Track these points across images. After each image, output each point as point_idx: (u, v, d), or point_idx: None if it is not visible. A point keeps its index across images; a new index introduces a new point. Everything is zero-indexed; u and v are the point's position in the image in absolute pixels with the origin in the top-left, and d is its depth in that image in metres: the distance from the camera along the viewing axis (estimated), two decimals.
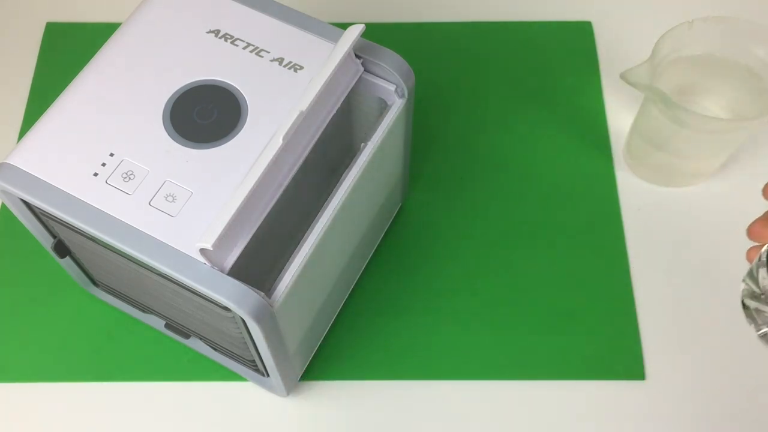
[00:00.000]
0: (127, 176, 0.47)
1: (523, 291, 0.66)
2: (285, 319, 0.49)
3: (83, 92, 0.51)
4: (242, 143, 0.49)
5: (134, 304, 0.62)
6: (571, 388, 0.62)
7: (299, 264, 0.48)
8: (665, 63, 0.65)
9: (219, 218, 0.44)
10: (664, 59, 0.64)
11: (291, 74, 0.51)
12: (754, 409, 0.61)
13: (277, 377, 0.56)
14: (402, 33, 0.78)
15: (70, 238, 0.54)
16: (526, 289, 0.66)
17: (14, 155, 0.49)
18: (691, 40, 0.64)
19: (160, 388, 0.62)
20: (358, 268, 0.65)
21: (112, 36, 0.53)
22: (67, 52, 0.77)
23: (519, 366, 0.63)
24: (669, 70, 0.66)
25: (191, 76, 0.51)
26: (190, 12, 0.53)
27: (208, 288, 0.44)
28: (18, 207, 0.51)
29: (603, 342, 0.63)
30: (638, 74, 0.61)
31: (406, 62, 0.53)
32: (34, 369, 0.62)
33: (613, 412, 0.61)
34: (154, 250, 0.45)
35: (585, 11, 0.80)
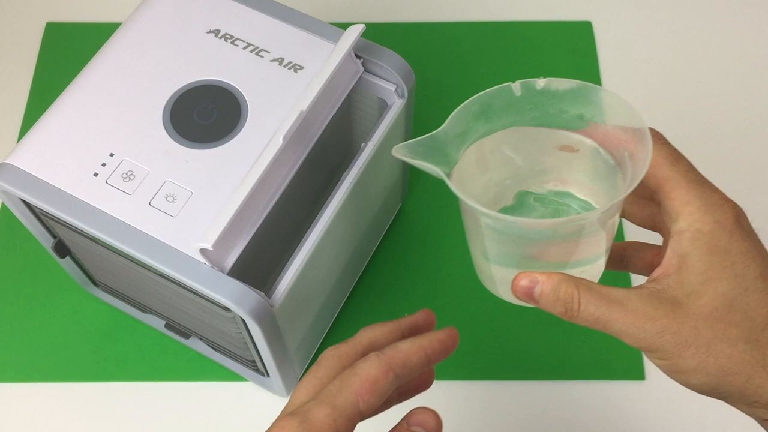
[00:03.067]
0: (127, 176, 0.47)
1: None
2: (285, 319, 0.49)
3: (83, 92, 0.51)
4: (242, 143, 0.49)
5: (134, 304, 0.62)
6: (571, 388, 0.62)
7: (299, 264, 0.48)
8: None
9: (219, 218, 0.44)
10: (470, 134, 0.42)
11: (291, 74, 0.51)
12: None
13: (277, 377, 0.56)
14: (402, 33, 0.78)
15: (70, 238, 0.54)
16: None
17: (14, 155, 0.49)
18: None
19: (160, 388, 0.62)
20: (358, 268, 0.65)
21: (112, 36, 0.53)
22: (67, 52, 0.77)
23: (519, 366, 0.63)
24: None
25: (191, 76, 0.51)
26: (190, 12, 0.53)
27: (208, 288, 0.44)
28: (18, 207, 0.51)
29: (603, 342, 0.63)
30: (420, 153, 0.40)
31: (406, 62, 0.53)
32: (34, 369, 0.62)
33: (613, 412, 0.61)
34: (154, 250, 0.45)
35: (585, 11, 0.80)
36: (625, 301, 0.36)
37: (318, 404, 0.34)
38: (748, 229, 0.36)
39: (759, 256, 0.36)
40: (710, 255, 0.35)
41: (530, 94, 0.40)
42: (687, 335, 0.35)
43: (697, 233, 0.36)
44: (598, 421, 0.61)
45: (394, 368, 0.36)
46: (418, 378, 0.42)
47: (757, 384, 0.34)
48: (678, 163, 0.37)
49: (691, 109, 0.74)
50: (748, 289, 0.35)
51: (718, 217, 0.36)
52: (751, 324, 0.35)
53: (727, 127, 0.73)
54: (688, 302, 0.35)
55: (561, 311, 0.37)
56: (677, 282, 0.36)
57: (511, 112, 0.40)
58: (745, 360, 0.34)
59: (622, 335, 0.36)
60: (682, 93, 0.75)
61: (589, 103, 0.39)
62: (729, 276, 0.35)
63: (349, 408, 0.34)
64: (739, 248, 0.35)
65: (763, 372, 0.34)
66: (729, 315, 0.35)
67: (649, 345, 0.35)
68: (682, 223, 0.36)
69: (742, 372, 0.34)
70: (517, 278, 0.38)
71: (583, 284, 0.37)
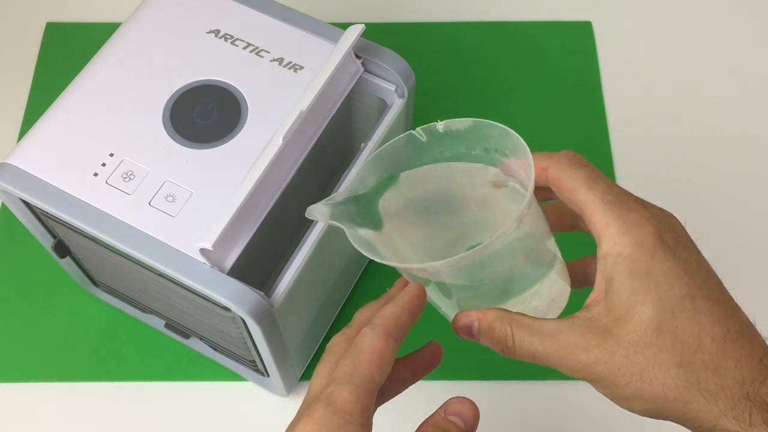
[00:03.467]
0: (127, 176, 0.47)
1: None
2: (285, 319, 0.49)
3: (83, 92, 0.51)
4: (242, 143, 0.49)
5: (134, 304, 0.62)
6: (571, 388, 0.62)
7: (299, 264, 0.48)
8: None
9: (219, 218, 0.44)
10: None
11: (291, 74, 0.51)
12: None
13: (277, 377, 0.56)
14: (402, 33, 0.78)
15: (70, 238, 0.54)
16: None
17: (14, 155, 0.49)
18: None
19: (160, 388, 0.62)
20: (357, 268, 0.65)
21: (112, 36, 0.53)
22: (67, 52, 0.77)
23: (519, 366, 0.63)
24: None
25: (191, 76, 0.51)
26: (190, 12, 0.53)
27: (208, 288, 0.44)
28: (18, 207, 0.51)
29: None
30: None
31: (406, 62, 0.53)
32: (34, 369, 0.62)
33: (613, 412, 0.61)
34: (154, 250, 0.45)
35: (585, 11, 0.80)
36: (557, 333, 0.36)
37: (338, 386, 0.35)
38: (674, 246, 0.35)
39: (685, 275, 0.35)
40: (632, 279, 0.35)
41: (435, 138, 0.41)
42: (619, 364, 0.34)
43: (618, 257, 0.35)
44: (598, 421, 0.61)
45: (391, 333, 0.36)
46: (429, 356, 0.42)
47: (696, 409, 0.33)
48: (595, 186, 0.36)
49: (690, 109, 0.74)
50: (674, 311, 0.34)
51: (637, 238, 0.35)
52: (682, 347, 0.34)
53: (728, 127, 0.73)
54: (617, 329, 0.35)
55: (499, 349, 0.37)
56: (606, 309, 0.35)
57: (424, 157, 0.41)
58: (679, 385, 0.34)
59: (560, 368, 0.36)
60: (681, 93, 0.75)
61: (488, 137, 0.39)
62: (653, 299, 0.34)
63: (367, 382, 0.35)
64: (662, 269, 0.34)
65: (700, 396, 0.33)
66: (658, 340, 0.34)
67: (586, 376, 0.35)
68: (604, 247, 0.36)
69: (678, 398, 0.34)
70: (455, 318, 0.39)
71: (516, 320, 0.36)
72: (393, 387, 0.40)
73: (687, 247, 0.36)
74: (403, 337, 0.37)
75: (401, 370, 0.41)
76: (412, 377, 0.41)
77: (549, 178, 0.38)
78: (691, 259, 0.36)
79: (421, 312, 0.39)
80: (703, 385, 0.33)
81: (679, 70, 0.76)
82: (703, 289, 0.35)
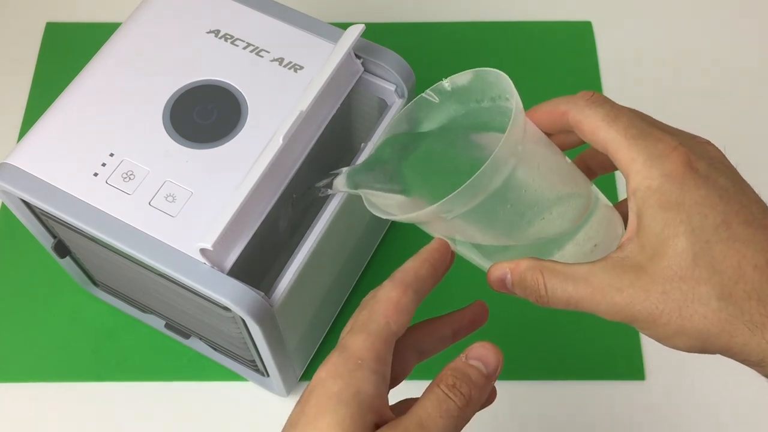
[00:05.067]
0: (127, 176, 0.47)
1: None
2: (285, 319, 0.49)
3: (83, 92, 0.51)
4: (242, 143, 0.49)
5: (134, 304, 0.62)
6: (571, 388, 0.62)
7: (299, 264, 0.48)
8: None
9: (219, 218, 0.44)
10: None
11: (291, 74, 0.51)
12: (754, 409, 0.61)
13: (277, 377, 0.55)
14: (402, 33, 0.78)
15: (70, 238, 0.54)
16: None
17: (14, 155, 0.49)
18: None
19: (160, 388, 0.62)
20: (358, 268, 0.65)
21: (112, 36, 0.53)
22: (67, 52, 0.77)
23: (519, 366, 0.63)
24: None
25: (191, 76, 0.51)
26: (190, 12, 0.53)
27: (208, 288, 0.44)
28: (18, 207, 0.51)
29: (603, 342, 0.63)
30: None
31: (406, 62, 0.53)
32: (34, 369, 0.62)
33: (613, 412, 0.61)
34: (154, 250, 0.45)
35: (585, 11, 0.80)
36: (590, 276, 0.34)
37: (353, 334, 0.35)
38: (707, 173, 0.34)
39: (720, 202, 0.33)
40: (663, 211, 0.33)
41: (446, 97, 0.40)
42: (656, 302, 0.33)
43: (647, 191, 0.33)
44: (598, 421, 0.61)
45: (409, 284, 0.36)
46: (471, 315, 0.42)
47: (741, 342, 0.32)
48: (617, 122, 0.35)
49: (690, 109, 0.74)
50: (710, 241, 0.32)
51: (664, 169, 0.33)
52: (721, 278, 0.32)
53: (728, 127, 0.73)
54: (652, 266, 0.33)
55: (533, 299, 0.36)
56: (639, 246, 0.34)
57: (439, 117, 0.41)
58: (721, 319, 0.32)
59: (596, 312, 0.34)
60: (681, 93, 0.75)
61: (489, 85, 0.39)
62: (686, 231, 0.32)
63: (382, 330, 0.35)
64: (693, 198, 0.33)
65: (744, 329, 0.32)
66: (695, 273, 0.32)
67: (624, 317, 0.34)
68: (632, 182, 0.34)
69: (722, 332, 0.32)
70: (489, 273, 0.38)
71: (548, 267, 0.35)
72: (433, 344, 0.40)
73: (724, 173, 0.34)
74: (425, 289, 0.37)
75: (441, 327, 0.40)
76: (453, 336, 0.41)
77: (570, 122, 0.37)
78: (728, 184, 0.34)
79: (446, 266, 0.38)
80: (747, 316, 0.32)
81: (679, 71, 0.76)
82: (741, 215, 0.33)
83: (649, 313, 0.33)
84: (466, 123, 0.41)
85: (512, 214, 0.37)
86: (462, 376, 0.34)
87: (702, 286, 0.32)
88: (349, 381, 0.33)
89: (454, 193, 0.34)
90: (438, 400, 0.33)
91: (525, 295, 0.36)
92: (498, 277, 0.37)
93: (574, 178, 0.39)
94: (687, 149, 0.34)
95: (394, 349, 0.37)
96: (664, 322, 0.33)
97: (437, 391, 0.33)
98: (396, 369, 0.38)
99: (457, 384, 0.34)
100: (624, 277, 0.33)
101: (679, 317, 0.32)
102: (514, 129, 0.34)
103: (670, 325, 0.33)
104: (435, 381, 0.34)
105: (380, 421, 0.33)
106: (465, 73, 0.39)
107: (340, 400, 0.33)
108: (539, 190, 0.37)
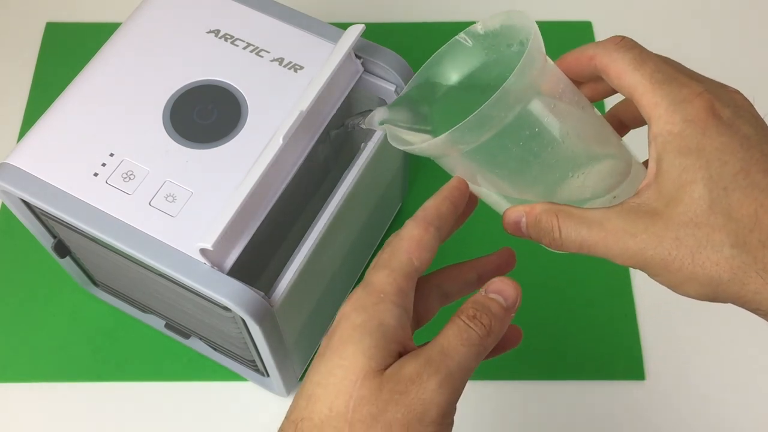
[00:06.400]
0: (127, 176, 0.47)
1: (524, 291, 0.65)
2: (285, 319, 0.49)
3: (83, 92, 0.51)
4: (242, 143, 0.49)
5: (134, 304, 0.62)
6: (571, 388, 0.62)
7: (299, 264, 0.48)
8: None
9: (219, 218, 0.44)
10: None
11: (291, 74, 0.51)
12: (754, 409, 0.61)
13: (277, 377, 0.55)
14: (402, 33, 0.78)
15: (70, 238, 0.54)
16: (527, 289, 0.65)
17: (14, 155, 0.49)
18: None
19: (160, 388, 0.62)
20: (358, 268, 0.65)
21: (112, 36, 0.53)
22: (67, 52, 0.77)
23: (519, 366, 0.63)
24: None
25: (191, 76, 0.51)
26: (190, 12, 0.53)
27: (208, 288, 0.44)
28: (18, 207, 0.51)
29: (603, 342, 0.63)
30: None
31: (406, 62, 0.53)
32: (34, 369, 0.62)
33: (613, 412, 0.61)
34: (154, 250, 0.45)
35: (585, 11, 0.80)
36: (605, 221, 0.34)
37: (376, 270, 0.35)
38: (731, 120, 0.33)
39: (741, 149, 0.32)
40: (682, 157, 0.32)
41: (479, 41, 0.40)
42: (669, 248, 0.32)
43: (668, 135, 0.33)
44: (598, 421, 0.61)
45: (431, 222, 0.37)
46: (497, 259, 0.42)
47: (754, 290, 0.31)
48: (643, 66, 0.34)
49: None
50: (727, 188, 0.32)
51: (686, 114, 0.33)
52: (736, 226, 0.31)
53: None
54: (667, 212, 0.33)
55: (547, 242, 0.36)
56: (656, 192, 0.33)
57: (473, 61, 0.41)
58: (734, 266, 0.31)
59: (609, 257, 0.34)
60: None
61: (517, 29, 0.39)
62: (704, 177, 0.32)
63: (405, 266, 0.35)
64: (714, 144, 0.32)
65: (757, 277, 0.31)
66: (710, 219, 0.32)
67: (636, 263, 0.34)
68: (654, 127, 0.34)
69: (733, 279, 0.31)
70: (504, 216, 0.38)
71: (563, 211, 0.35)
72: (458, 287, 0.41)
73: (749, 121, 0.33)
74: (447, 226, 0.37)
75: (467, 271, 0.41)
76: (478, 281, 0.41)
77: (597, 67, 0.37)
78: (752, 132, 0.33)
79: (465, 203, 0.39)
80: (761, 265, 0.31)
81: None
82: (762, 164, 0.32)
83: (662, 258, 0.33)
84: (497, 68, 0.41)
85: (526, 153, 0.36)
86: (482, 308, 0.35)
87: (716, 233, 0.32)
88: (372, 313, 0.34)
89: (463, 122, 0.34)
90: (459, 330, 0.34)
91: (539, 238, 0.37)
92: (513, 219, 0.37)
93: (596, 124, 0.38)
94: (712, 96, 0.33)
95: (418, 289, 0.37)
96: (676, 268, 0.32)
97: (459, 322, 0.34)
98: (419, 310, 0.39)
99: (477, 315, 0.34)
100: (638, 222, 0.33)
101: (691, 263, 0.32)
102: (525, 63, 0.34)
103: (682, 272, 0.32)
104: (457, 313, 0.35)
105: (404, 351, 0.34)
106: (497, 15, 0.39)
107: (365, 330, 0.33)
108: (561, 137, 0.37)
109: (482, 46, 0.41)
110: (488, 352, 0.35)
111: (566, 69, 0.39)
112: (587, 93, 0.40)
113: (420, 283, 0.39)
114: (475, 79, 0.42)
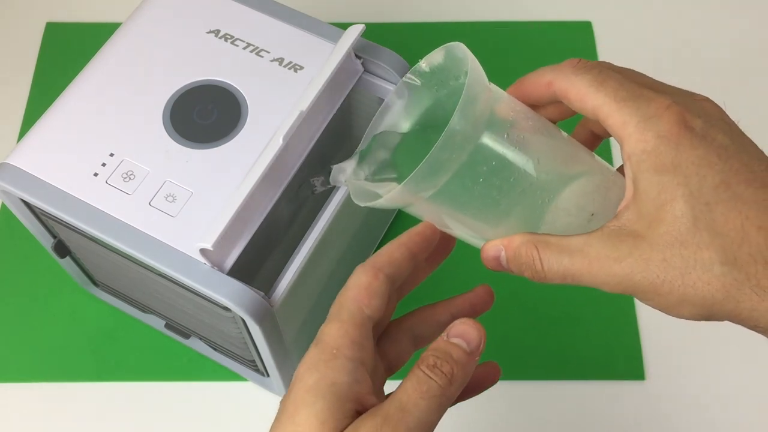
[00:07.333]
0: (127, 176, 0.47)
1: (524, 291, 0.66)
2: (285, 319, 0.49)
3: (83, 92, 0.51)
4: (242, 143, 0.49)
5: (134, 304, 0.62)
6: (571, 388, 0.62)
7: (299, 264, 0.48)
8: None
9: (219, 218, 0.44)
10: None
11: (291, 74, 0.51)
12: (754, 409, 0.61)
13: (276, 377, 0.55)
14: (402, 33, 0.78)
15: (70, 238, 0.54)
16: (527, 290, 0.66)
17: (14, 155, 0.49)
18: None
19: (160, 388, 0.62)
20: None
21: (112, 36, 0.53)
22: (67, 52, 0.77)
23: (519, 366, 0.63)
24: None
25: (191, 76, 0.51)
26: (190, 12, 0.53)
27: (208, 288, 0.44)
28: (18, 207, 0.51)
29: (603, 342, 0.63)
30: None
31: (406, 62, 0.53)
32: (34, 369, 0.62)
33: (613, 412, 0.61)
34: (154, 250, 0.45)
35: (585, 11, 0.80)
36: (586, 247, 0.32)
37: (326, 325, 0.35)
38: (704, 131, 0.31)
39: (719, 161, 0.31)
40: (659, 175, 0.31)
41: (426, 78, 0.39)
42: (657, 270, 0.31)
43: (642, 154, 0.31)
44: (598, 421, 0.61)
45: (381, 269, 0.35)
46: (475, 298, 0.40)
47: (749, 308, 0.30)
48: (604, 86, 0.33)
49: None
50: (709, 203, 0.30)
51: (658, 130, 0.31)
52: (724, 241, 0.30)
53: None
54: (650, 233, 0.31)
55: (529, 275, 0.35)
56: (636, 213, 0.32)
57: (424, 101, 0.40)
58: (726, 284, 0.30)
59: (595, 285, 0.33)
60: None
61: (461, 60, 0.38)
62: (684, 194, 0.31)
63: (355, 316, 0.34)
64: (690, 159, 0.31)
65: (752, 294, 0.30)
66: (695, 237, 0.30)
67: (624, 289, 0.32)
68: (626, 147, 0.32)
69: (727, 297, 0.30)
70: (483, 251, 0.36)
71: (542, 241, 0.34)
72: (430, 330, 0.39)
73: (723, 130, 0.32)
74: (400, 272, 0.36)
75: (440, 312, 0.39)
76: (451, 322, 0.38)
77: (556, 93, 0.35)
78: (728, 142, 0.32)
79: (428, 248, 0.37)
80: (754, 281, 0.30)
81: (680, 71, 0.76)
82: (742, 174, 0.31)
83: (651, 282, 0.31)
84: (451, 102, 0.39)
85: (488, 189, 0.35)
86: (443, 355, 0.33)
87: (704, 251, 0.30)
88: (325, 372, 0.33)
89: (414, 171, 0.33)
90: (418, 382, 0.32)
91: (521, 272, 0.35)
92: (492, 255, 0.36)
93: (561, 145, 0.37)
94: (681, 107, 0.32)
95: (389, 334, 0.36)
96: (667, 291, 0.31)
97: (418, 373, 0.32)
98: (391, 356, 0.37)
99: (438, 363, 0.32)
100: (621, 246, 0.32)
101: (681, 285, 0.31)
102: (466, 101, 0.33)
103: (673, 294, 0.31)
104: (417, 363, 0.33)
105: (362, 408, 0.33)
106: (437, 50, 0.38)
107: (317, 393, 0.32)
108: (522, 166, 0.35)
109: (431, 83, 0.40)
110: (453, 400, 0.33)
111: (523, 95, 0.38)
112: (551, 113, 0.39)
113: (391, 327, 0.38)
114: (431, 118, 0.40)
